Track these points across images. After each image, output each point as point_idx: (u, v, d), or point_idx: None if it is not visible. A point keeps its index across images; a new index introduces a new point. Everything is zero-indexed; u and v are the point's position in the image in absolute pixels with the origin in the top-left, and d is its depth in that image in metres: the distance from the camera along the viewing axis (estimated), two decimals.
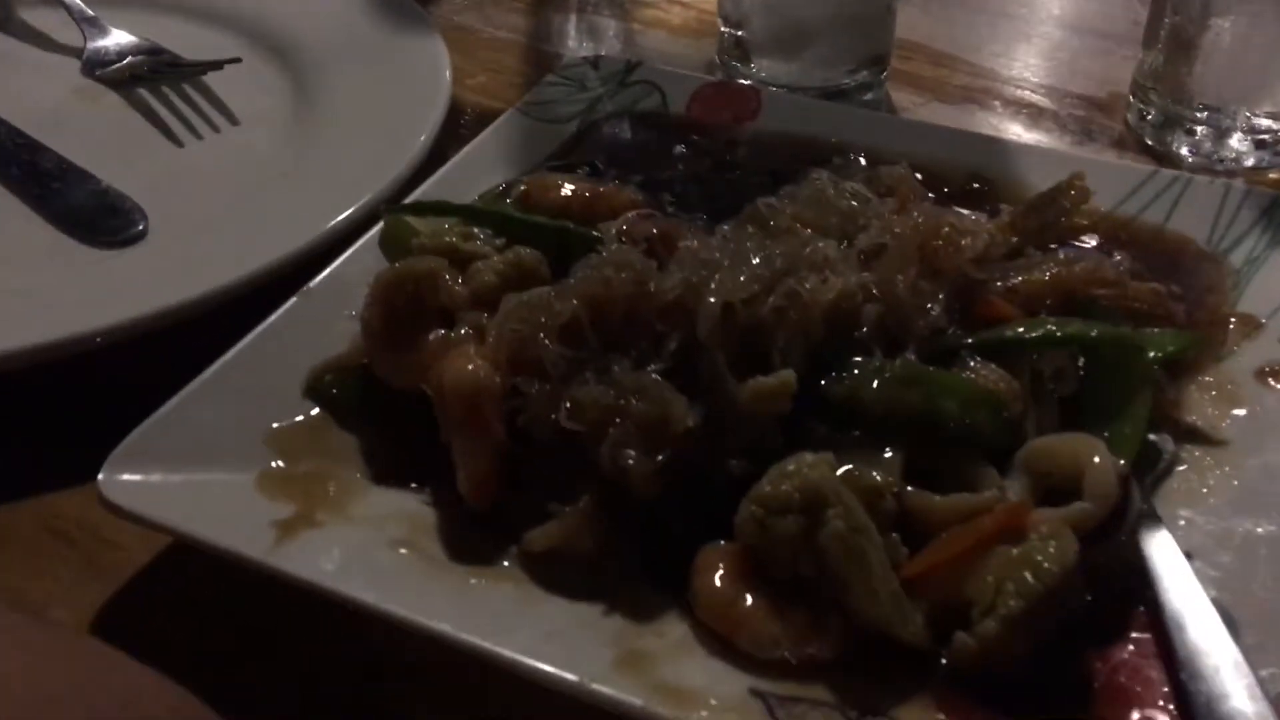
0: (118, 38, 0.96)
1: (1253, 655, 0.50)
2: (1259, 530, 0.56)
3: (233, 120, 0.89)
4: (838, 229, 0.66)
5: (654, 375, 0.56)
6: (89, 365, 0.67)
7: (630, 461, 0.54)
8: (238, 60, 0.92)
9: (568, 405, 0.56)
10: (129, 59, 0.94)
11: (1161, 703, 0.49)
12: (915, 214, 0.64)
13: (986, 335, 0.61)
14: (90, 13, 0.99)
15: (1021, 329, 0.62)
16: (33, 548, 0.61)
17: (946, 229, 0.63)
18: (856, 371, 0.58)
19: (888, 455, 0.56)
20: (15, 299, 0.70)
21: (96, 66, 0.94)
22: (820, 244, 0.62)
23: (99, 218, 0.77)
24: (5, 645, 0.34)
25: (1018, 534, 0.53)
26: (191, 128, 0.88)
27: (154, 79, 0.92)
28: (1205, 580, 0.53)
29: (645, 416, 0.55)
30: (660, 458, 0.54)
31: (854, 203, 0.69)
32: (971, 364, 0.59)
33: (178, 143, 0.87)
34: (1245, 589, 0.53)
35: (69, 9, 0.99)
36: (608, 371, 0.57)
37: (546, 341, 0.58)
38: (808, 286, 0.58)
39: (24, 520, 0.63)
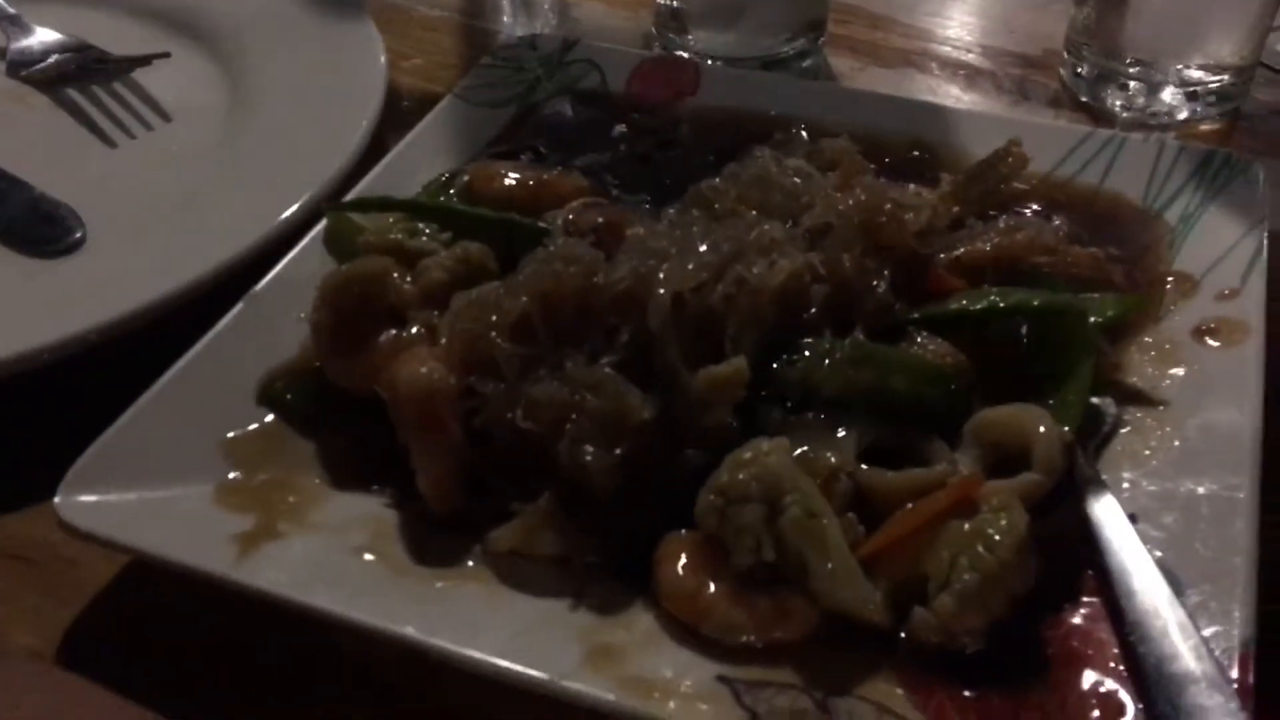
0: (42, 35, 0.94)
1: (1197, 614, 0.52)
2: (1200, 490, 0.57)
3: (165, 117, 0.88)
4: (782, 208, 0.67)
5: (607, 369, 0.57)
6: (33, 381, 0.66)
7: (588, 457, 0.55)
8: (166, 55, 0.91)
9: (523, 404, 0.56)
10: (55, 57, 0.92)
11: (1112, 664, 0.51)
12: (859, 191, 0.65)
13: (932, 309, 0.63)
14: (12, 10, 0.96)
15: (965, 301, 0.63)
16: None
17: (889, 205, 0.64)
18: (808, 354, 0.59)
19: (842, 435, 0.57)
20: None
21: (21, 67, 0.92)
22: (766, 226, 0.63)
23: (34, 227, 0.76)
24: None
25: (970, 507, 0.54)
26: (123, 127, 0.87)
27: (82, 78, 0.90)
28: (1150, 541, 0.55)
29: (601, 412, 0.55)
30: (618, 451, 0.55)
31: (797, 180, 0.69)
32: (919, 339, 0.61)
33: (110, 143, 0.86)
34: (1189, 549, 0.55)
35: None
36: (561, 367, 0.57)
37: (499, 340, 0.58)
38: (755, 271, 0.59)
39: None
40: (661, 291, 0.57)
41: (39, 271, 0.74)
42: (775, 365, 0.59)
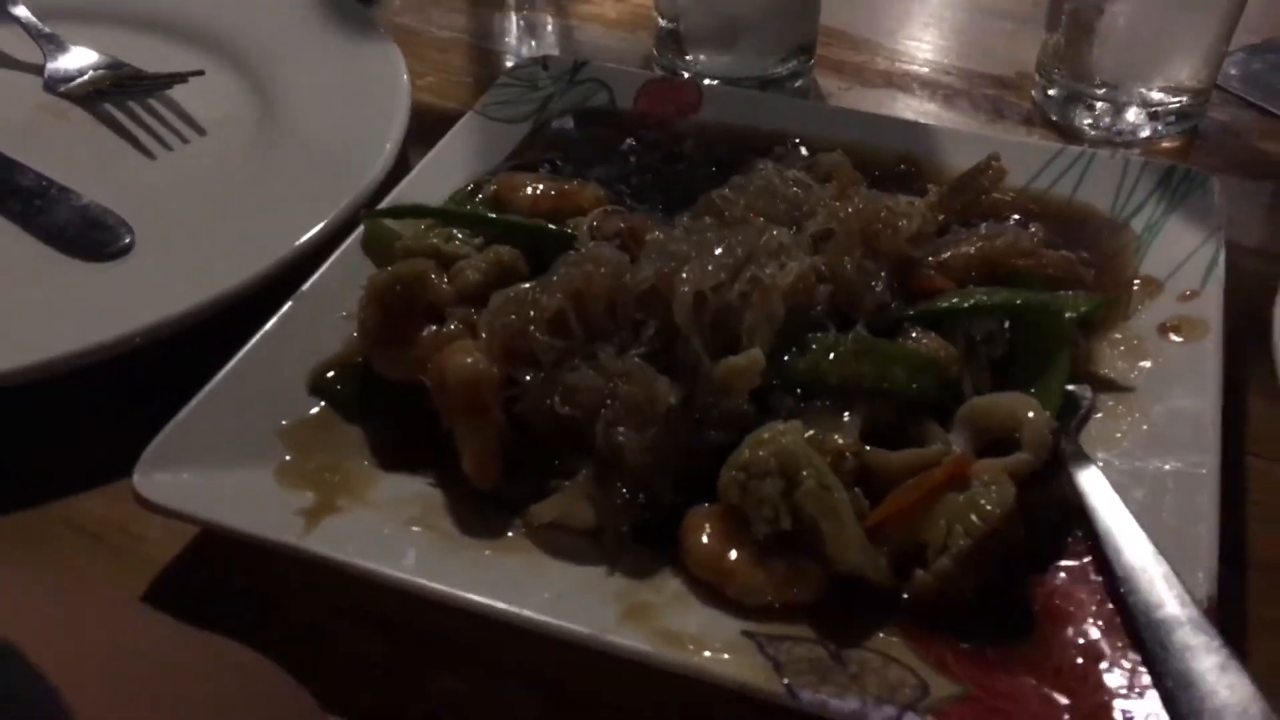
0: (78, 54, 0.99)
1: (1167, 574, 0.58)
2: (1167, 467, 0.63)
3: (200, 131, 0.93)
4: (786, 215, 0.73)
5: (636, 360, 0.63)
6: (92, 376, 0.71)
7: (622, 438, 0.60)
8: (200, 73, 0.96)
9: (561, 391, 0.62)
10: (91, 74, 0.97)
11: (1091, 619, 0.57)
12: (857, 200, 0.71)
13: (924, 307, 0.69)
14: (48, 29, 1.01)
15: (955, 300, 0.69)
16: (63, 546, 0.66)
17: (884, 213, 0.71)
18: (815, 347, 0.65)
19: (847, 419, 0.63)
20: (15, 315, 0.73)
21: (59, 83, 0.97)
22: (774, 231, 0.69)
23: (86, 232, 0.81)
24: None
25: (963, 482, 0.60)
26: (160, 140, 0.92)
27: (117, 93, 0.95)
28: None
29: (632, 397, 0.61)
30: (649, 433, 0.61)
31: (798, 190, 0.76)
32: (913, 334, 0.67)
33: (149, 155, 0.91)
34: (1157, 519, 0.61)
35: (26, 27, 1.01)
36: (594, 358, 0.63)
37: (536, 333, 0.64)
38: (768, 272, 0.65)
39: (50, 523, 0.67)
40: (685, 290, 0.64)
41: (93, 274, 0.78)
42: (786, 357, 0.65)
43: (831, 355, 0.65)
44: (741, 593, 0.58)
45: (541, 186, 0.78)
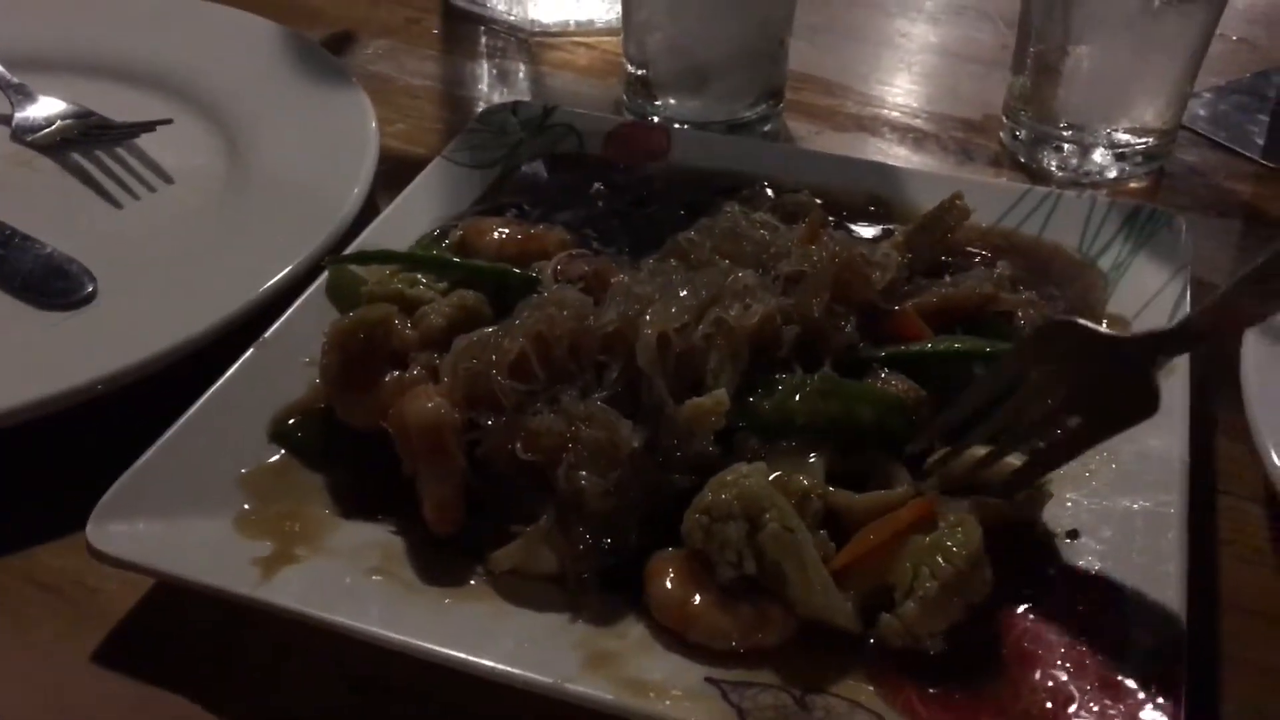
0: (45, 104, 0.99)
1: (1135, 613, 0.58)
2: (1135, 506, 0.63)
3: (167, 179, 0.92)
4: (752, 257, 0.73)
5: (599, 403, 0.62)
6: (53, 425, 0.70)
7: (584, 483, 0.60)
8: (168, 121, 0.96)
9: (523, 436, 0.62)
10: (59, 123, 0.96)
11: (1059, 662, 0.57)
12: (830, 244, 0.71)
13: (894, 350, 0.69)
14: (15, 79, 1.01)
15: (926, 344, 0.69)
16: (20, 599, 0.64)
17: (857, 261, 0.70)
18: (781, 387, 0.64)
19: (812, 460, 0.63)
20: None
21: (27, 132, 0.96)
22: (740, 273, 0.69)
23: (48, 281, 0.80)
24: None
25: (930, 524, 0.60)
26: (128, 188, 0.91)
27: (86, 142, 0.95)
28: (1091, 553, 0.61)
29: (595, 441, 0.61)
30: (611, 477, 0.60)
31: (764, 232, 0.75)
32: (882, 375, 0.66)
33: (116, 204, 0.90)
34: (1126, 558, 0.61)
35: None
36: (557, 401, 0.62)
37: (499, 377, 0.63)
38: (732, 314, 0.65)
39: (8, 575, 0.66)
40: (648, 332, 0.63)
41: (55, 323, 0.78)
42: (751, 398, 0.65)
43: (798, 395, 0.64)
44: (704, 637, 0.58)
45: (507, 231, 0.78)
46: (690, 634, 0.58)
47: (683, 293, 0.66)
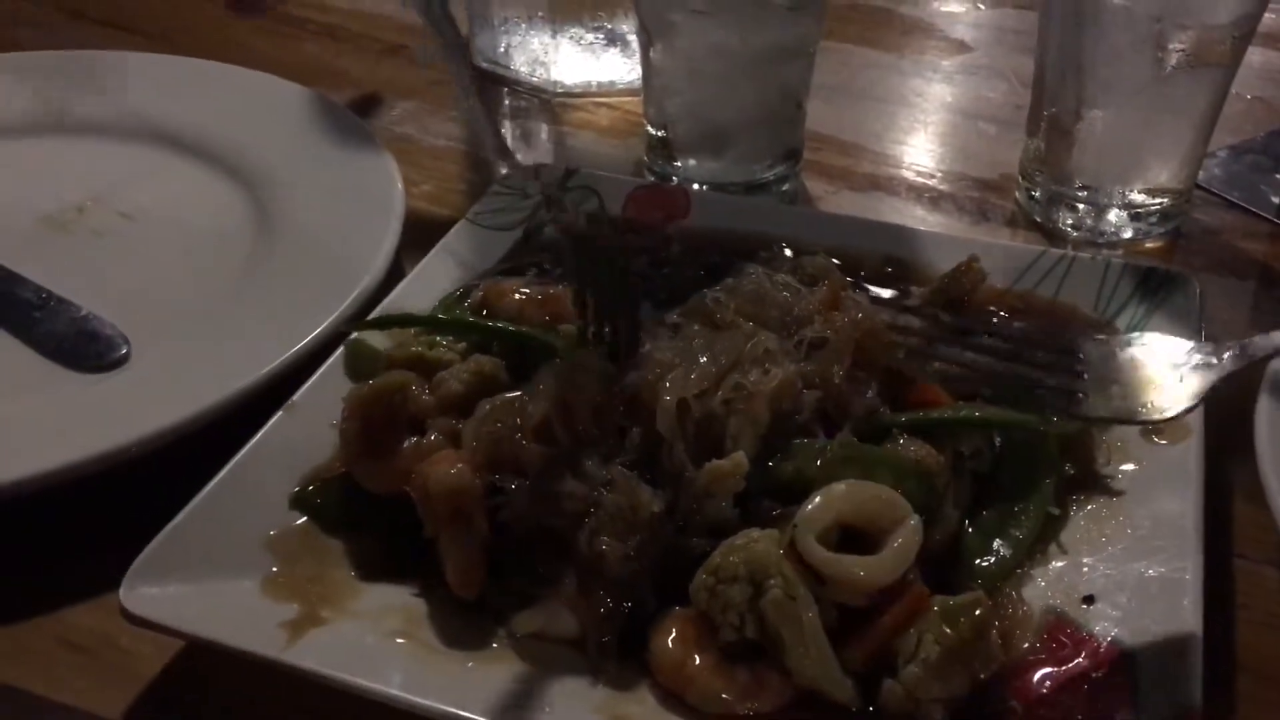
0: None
1: (1152, 682, 0.58)
2: (1150, 573, 0.64)
3: (198, 242, 0.94)
4: (776, 320, 0.74)
5: (621, 468, 0.63)
6: (85, 485, 0.72)
7: (605, 548, 0.61)
8: None
9: (545, 500, 0.63)
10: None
11: None
12: (854, 310, 0.72)
13: (914, 417, 0.69)
14: None
15: (946, 412, 0.70)
16: (53, 660, 0.66)
17: (880, 329, 0.72)
18: (801, 452, 0.65)
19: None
20: (11, 427, 0.74)
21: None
22: (761, 337, 0.69)
23: (83, 344, 0.82)
24: None
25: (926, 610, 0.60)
26: (159, 250, 0.94)
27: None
28: (1107, 619, 0.62)
29: (616, 506, 0.61)
30: (632, 542, 0.61)
31: (788, 295, 0.76)
32: (901, 441, 0.67)
33: (149, 265, 0.92)
34: (1142, 625, 0.61)
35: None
36: (579, 466, 0.63)
37: (523, 441, 0.64)
38: (752, 379, 0.66)
39: (40, 637, 0.67)
40: (668, 398, 0.64)
41: (88, 386, 0.79)
42: (771, 463, 0.66)
43: (817, 461, 0.65)
44: (700, 700, 0.58)
45: (527, 291, 0.79)
46: (687, 694, 0.59)
47: (703, 358, 0.67)
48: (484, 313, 0.80)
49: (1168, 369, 0.67)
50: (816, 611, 0.58)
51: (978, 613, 0.58)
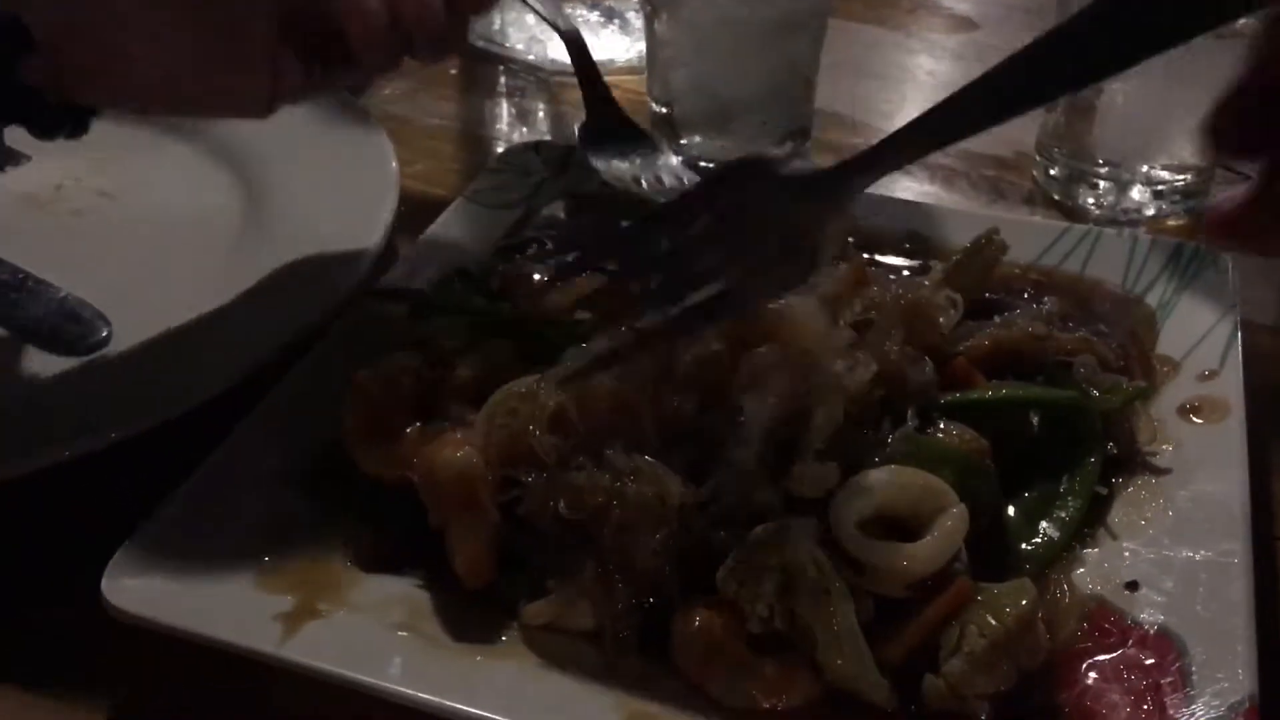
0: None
1: (1203, 670, 0.55)
2: (1196, 557, 0.60)
3: (183, 222, 0.90)
4: None
5: (646, 457, 0.59)
6: (66, 473, 0.68)
7: (633, 542, 0.57)
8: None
9: (567, 493, 0.58)
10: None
11: None
12: (896, 287, 0.68)
13: (953, 399, 0.65)
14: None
15: (987, 392, 0.66)
16: (34, 656, 0.62)
17: (924, 304, 0.68)
18: (857, 446, 0.60)
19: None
20: None
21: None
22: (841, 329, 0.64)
23: (61, 326, 0.78)
24: None
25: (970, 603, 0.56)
26: (144, 230, 0.89)
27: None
28: (1153, 605, 0.58)
29: (642, 497, 0.57)
30: (660, 535, 0.57)
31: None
32: (942, 425, 0.63)
33: (132, 245, 0.88)
34: (1190, 611, 0.58)
35: None
36: (600, 456, 0.59)
37: (537, 432, 0.60)
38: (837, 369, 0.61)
39: (20, 631, 0.63)
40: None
41: (68, 369, 0.75)
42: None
43: (876, 459, 0.60)
44: (723, 694, 0.55)
45: (546, 278, 0.75)
46: (710, 688, 0.55)
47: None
48: (500, 296, 0.76)
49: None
50: (853, 607, 0.54)
51: (1024, 602, 0.55)
